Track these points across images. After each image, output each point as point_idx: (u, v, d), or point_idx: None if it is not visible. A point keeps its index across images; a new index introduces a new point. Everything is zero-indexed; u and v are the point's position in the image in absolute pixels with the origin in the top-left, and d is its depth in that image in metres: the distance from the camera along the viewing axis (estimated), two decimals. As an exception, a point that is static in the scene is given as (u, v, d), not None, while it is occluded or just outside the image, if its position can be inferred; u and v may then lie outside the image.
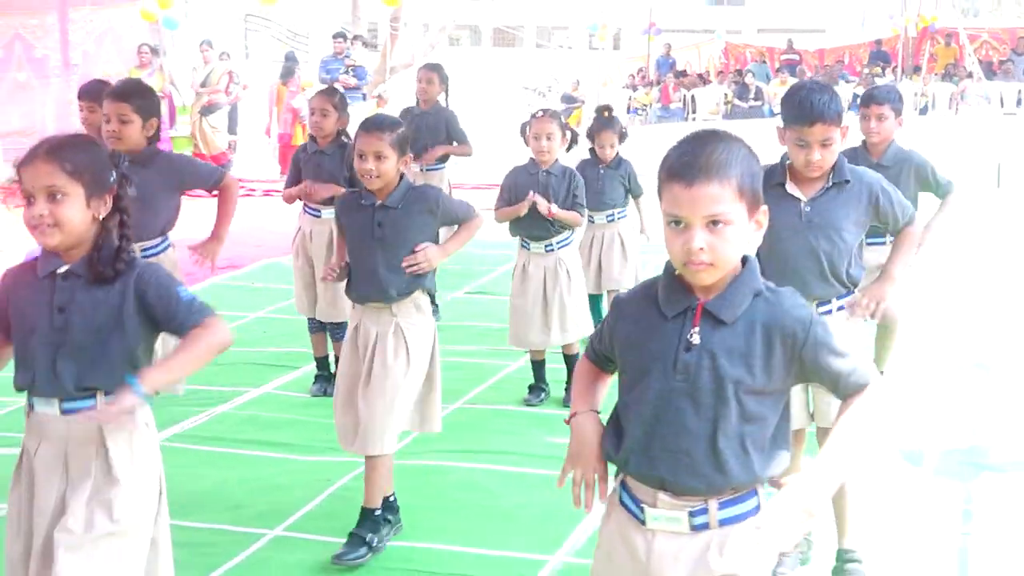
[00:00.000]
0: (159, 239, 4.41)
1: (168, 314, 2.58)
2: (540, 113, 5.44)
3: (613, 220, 6.21)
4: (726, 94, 20.90)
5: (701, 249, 2.05)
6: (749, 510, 2.15)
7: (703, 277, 2.09)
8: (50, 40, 15.01)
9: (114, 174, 2.60)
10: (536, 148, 5.28)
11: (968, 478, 4.53)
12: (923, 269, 5.04)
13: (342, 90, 6.29)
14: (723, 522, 2.13)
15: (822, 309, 3.51)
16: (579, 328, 5.38)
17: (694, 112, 20.66)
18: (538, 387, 5.53)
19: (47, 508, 2.58)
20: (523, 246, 5.42)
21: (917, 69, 22.19)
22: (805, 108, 3.32)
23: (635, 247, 6.38)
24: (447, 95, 7.25)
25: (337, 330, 5.67)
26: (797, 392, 3.53)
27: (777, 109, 19.24)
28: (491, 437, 4.95)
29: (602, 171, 6.13)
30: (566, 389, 5.41)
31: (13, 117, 14.99)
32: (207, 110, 14.36)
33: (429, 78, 7.12)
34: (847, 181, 3.46)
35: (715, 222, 2.05)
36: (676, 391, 2.11)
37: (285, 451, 4.86)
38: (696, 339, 2.10)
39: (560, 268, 5.33)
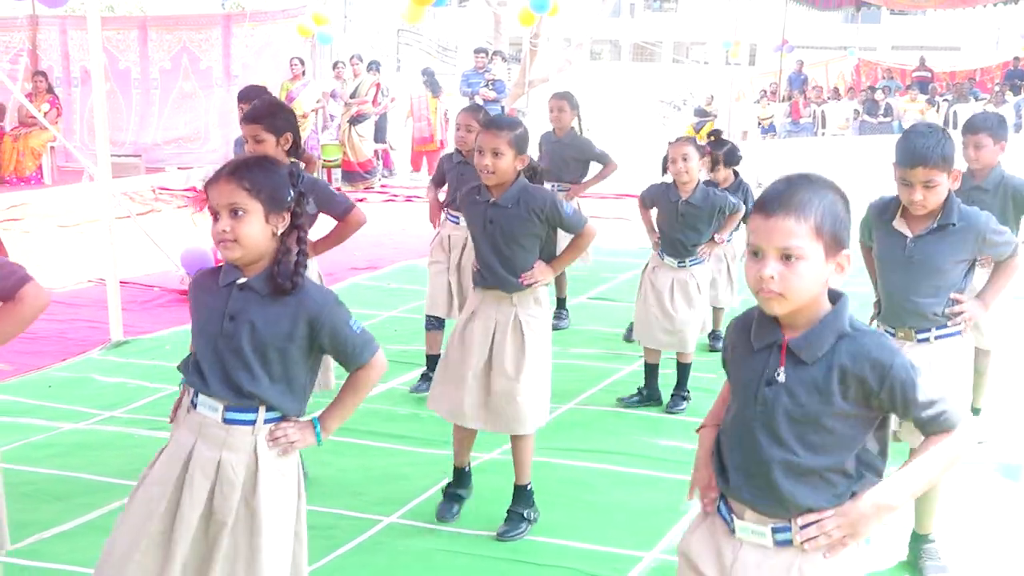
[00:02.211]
0: None
1: (341, 352, 2.74)
2: (674, 139, 5.55)
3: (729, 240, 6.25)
4: (856, 110, 20.43)
5: (771, 278, 2.13)
6: None
7: (773, 306, 2.17)
8: (214, 53, 15.80)
9: (292, 192, 2.71)
10: (675, 171, 5.39)
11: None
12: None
13: (482, 102, 6.45)
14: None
15: (920, 337, 3.60)
16: (693, 340, 5.52)
17: (823, 127, 20.24)
18: (640, 390, 5.67)
19: (198, 502, 2.70)
20: (659, 254, 5.58)
21: None
22: (908, 151, 3.44)
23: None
24: (580, 121, 7.27)
25: None
26: None
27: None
28: (598, 437, 5.09)
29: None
30: (672, 396, 5.55)
31: (179, 124, 15.86)
32: (355, 120, 14.86)
33: (560, 106, 7.16)
34: (953, 224, 3.51)
35: (788, 255, 2.13)
36: (755, 420, 2.21)
37: (404, 443, 5.10)
38: (781, 377, 2.19)
39: (691, 281, 5.45)
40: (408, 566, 3.94)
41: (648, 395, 5.64)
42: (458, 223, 5.87)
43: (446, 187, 6.24)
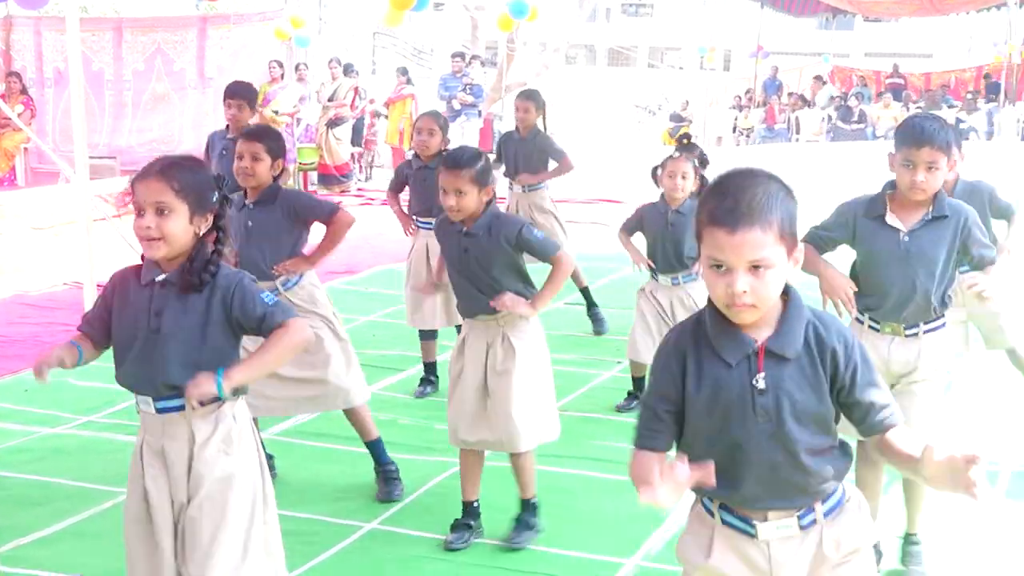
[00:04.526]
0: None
1: (252, 318, 2.77)
2: (677, 154, 5.51)
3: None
4: (829, 116, 20.59)
5: (744, 292, 2.09)
6: (840, 497, 2.29)
7: (745, 317, 2.14)
8: (188, 55, 15.73)
9: (216, 195, 2.81)
10: (670, 186, 5.35)
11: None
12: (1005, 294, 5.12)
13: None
14: (826, 514, 2.27)
15: (909, 332, 3.63)
16: None
17: (798, 133, 20.40)
18: (634, 395, 5.72)
19: (162, 488, 2.81)
20: (652, 276, 5.52)
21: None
22: (916, 131, 3.49)
23: None
24: (544, 120, 7.44)
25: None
26: None
27: (880, 132, 18.97)
28: (578, 443, 5.08)
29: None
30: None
31: (153, 126, 15.77)
32: (333, 123, 14.86)
33: (526, 107, 7.34)
34: (946, 216, 3.56)
35: (757, 266, 2.10)
36: (762, 433, 2.19)
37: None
38: (762, 384, 2.17)
39: (687, 299, 5.38)
40: (389, 573, 3.94)
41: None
42: (431, 228, 5.88)
43: (408, 194, 6.24)
